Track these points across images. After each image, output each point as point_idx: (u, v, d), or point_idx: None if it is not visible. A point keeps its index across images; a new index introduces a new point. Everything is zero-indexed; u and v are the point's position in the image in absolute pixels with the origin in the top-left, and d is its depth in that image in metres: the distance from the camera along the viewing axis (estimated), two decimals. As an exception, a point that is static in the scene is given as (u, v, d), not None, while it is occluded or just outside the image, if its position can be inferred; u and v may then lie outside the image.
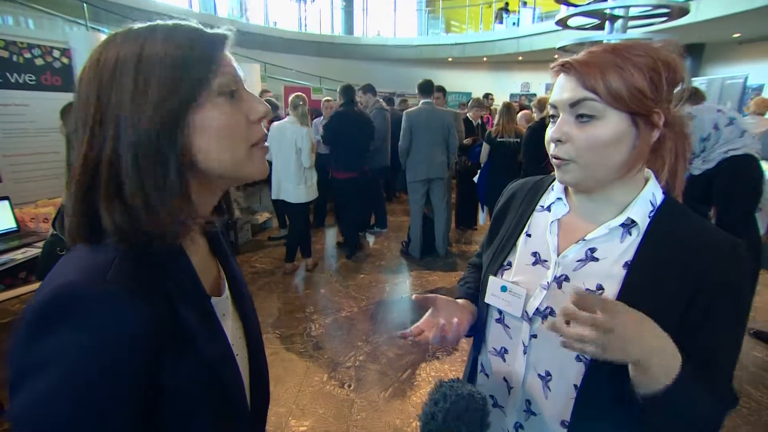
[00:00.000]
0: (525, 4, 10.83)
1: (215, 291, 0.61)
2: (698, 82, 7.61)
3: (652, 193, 0.69)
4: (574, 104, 0.65)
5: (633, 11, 2.33)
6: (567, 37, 2.71)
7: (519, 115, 4.27)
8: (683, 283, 0.63)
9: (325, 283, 3.80)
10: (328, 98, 5.77)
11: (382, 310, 3.33)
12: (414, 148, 4.07)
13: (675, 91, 0.67)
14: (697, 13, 2.23)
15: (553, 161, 0.69)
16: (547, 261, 0.75)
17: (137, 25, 0.50)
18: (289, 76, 9.59)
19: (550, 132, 0.69)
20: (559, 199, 0.78)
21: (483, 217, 4.81)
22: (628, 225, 0.68)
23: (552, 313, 0.72)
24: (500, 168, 4.06)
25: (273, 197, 3.83)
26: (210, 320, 0.54)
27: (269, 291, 3.61)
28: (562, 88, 0.67)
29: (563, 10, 2.42)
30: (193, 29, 0.52)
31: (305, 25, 12.55)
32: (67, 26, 5.48)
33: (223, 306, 0.60)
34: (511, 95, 12.32)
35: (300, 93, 3.81)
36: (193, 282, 0.53)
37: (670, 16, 2.33)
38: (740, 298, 0.64)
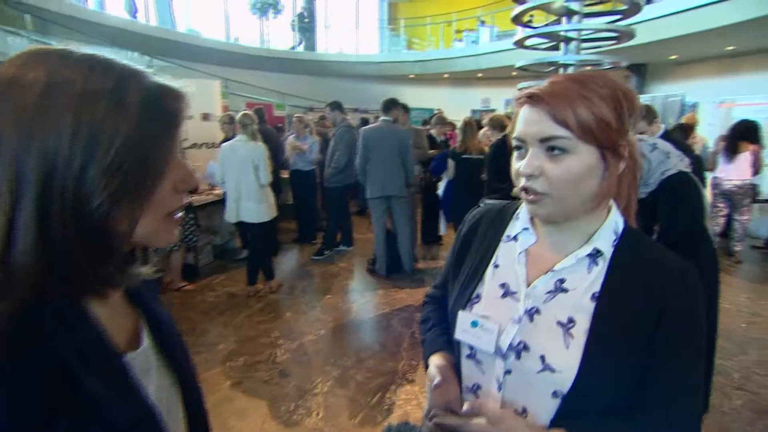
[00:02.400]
0: (483, 23, 11.19)
1: (132, 344, 0.54)
2: (642, 99, 8.06)
3: (615, 221, 0.71)
4: (545, 139, 0.64)
5: (585, 34, 2.43)
6: (525, 56, 2.78)
7: (480, 132, 4.34)
8: (647, 313, 0.65)
9: (290, 306, 3.67)
10: (300, 115, 5.73)
11: (350, 332, 3.25)
12: (370, 165, 4.06)
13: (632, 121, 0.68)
14: (640, 37, 2.36)
15: (525, 195, 0.68)
16: (516, 292, 0.73)
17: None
18: (250, 92, 9.43)
19: (520, 166, 0.68)
20: (526, 229, 0.77)
21: (443, 227, 4.84)
22: (595, 255, 0.69)
23: (526, 347, 0.70)
24: (465, 184, 4.10)
25: (231, 220, 3.69)
26: (122, 380, 0.47)
27: (231, 316, 3.45)
28: (529, 121, 0.66)
29: (520, 31, 2.49)
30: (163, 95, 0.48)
31: (267, 41, 12.44)
32: (9, 37, 5.14)
33: (143, 360, 0.54)
34: (472, 111, 12.62)
35: (248, 111, 3.74)
36: (97, 340, 0.46)
37: (619, 40, 2.44)
38: (694, 320, 0.66)
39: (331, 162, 4.63)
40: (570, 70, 2.50)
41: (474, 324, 0.75)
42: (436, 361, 0.83)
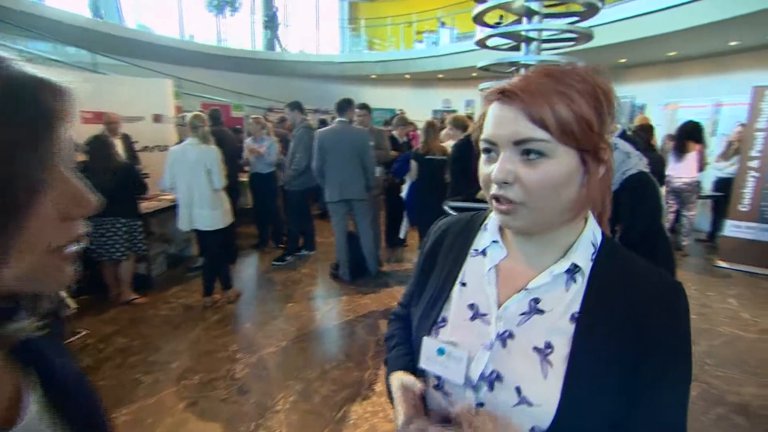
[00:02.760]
0: (443, 24, 11.28)
1: (9, 418, 0.41)
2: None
3: (593, 232, 0.64)
4: (520, 142, 0.55)
5: (545, 34, 2.42)
6: (486, 57, 2.75)
7: (442, 132, 4.31)
8: (632, 337, 0.58)
9: (250, 316, 3.50)
10: (256, 116, 5.51)
11: (313, 342, 3.12)
12: (327, 168, 3.95)
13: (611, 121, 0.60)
14: (594, 40, 2.43)
15: (497, 205, 0.60)
16: (487, 315, 0.65)
17: None
18: (206, 92, 9.06)
19: (490, 171, 0.59)
20: (495, 242, 0.69)
21: (404, 231, 4.79)
22: (572, 270, 0.62)
23: (499, 377, 0.62)
24: (428, 186, 4.05)
25: (183, 228, 3.47)
26: None
27: (186, 330, 3.24)
28: (501, 121, 0.57)
29: (478, 32, 2.46)
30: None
31: (225, 40, 12.02)
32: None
33: None
34: (434, 111, 12.70)
35: (199, 112, 3.54)
36: None
37: (578, 41, 2.45)
38: (686, 353, 0.60)
39: (291, 164, 4.47)
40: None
41: (440, 352, 0.66)
42: (401, 376, 0.72)
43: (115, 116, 4.07)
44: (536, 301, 0.63)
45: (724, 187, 5.07)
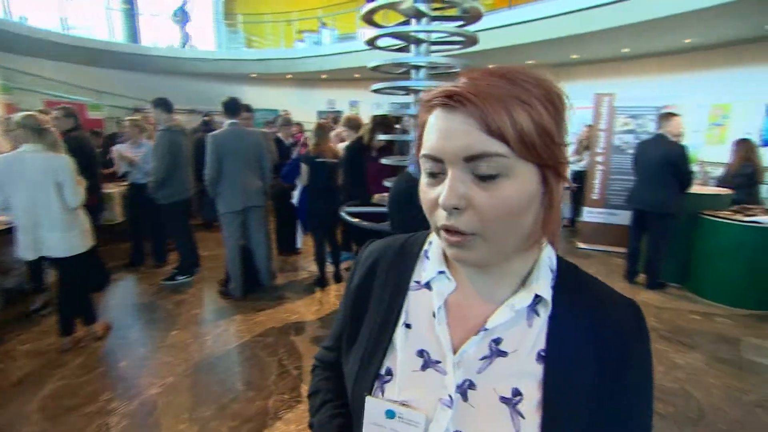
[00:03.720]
0: (324, 25, 11.09)
1: None
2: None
3: (549, 257, 0.56)
4: (472, 158, 0.44)
5: (434, 37, 2.41)
6: (369, 60, 2.68)
7: (332, 134, 4.16)
8: (598, 368, 0.51)
9: (125, 353, 2.94)
10: (134, 117, 4.75)
11: (206, 373, 2.73)
12: (225, 175, 3.54)
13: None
14: (483, 44, 2.56)
15: (447, 237, 0.49)
16: (440, 362, 0.54)
17: None
18: (50, 88, 7.60)
19: (436, 195, 0.48)
20: (441, 272, 0.58)
21: (300, 241, 4.56)
22: (535, 303, 0.54)
23: None
24: (320, 190, 3.88)
25: (27, 257, 2.75)
26: None
27: (37, 385, 2.58)
28: (448, 132, 0.46)
29: (360, 33, 2.36)
30: None
31: (73, 27, 10.20)
32: None
33: None
34: (318, 112, 12.48)
35: (35, 113, 2.79)
36: None
37: (464, 44, 2.49)
38: (650, 374, 0.55)
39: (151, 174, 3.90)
40: (421, 72, 2.45)
41: (390, 414, 0.54)
42: None
43: None
44: (497, 341, 0.53)
45: (579, 179, 5.80)
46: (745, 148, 4.57)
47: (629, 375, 0.52)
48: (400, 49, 2.83)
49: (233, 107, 3.62)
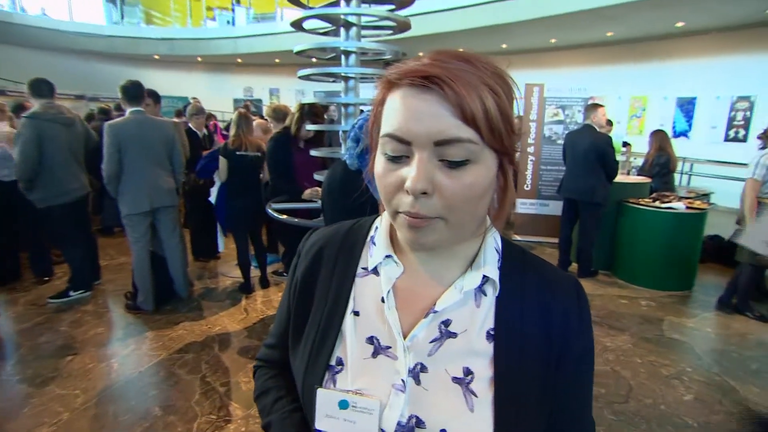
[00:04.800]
0: (238, 2, 10.67)
1: None
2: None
3: (494, 237, 0.62)
4: (443, 143, 0.47)
5: (364, 21, 2.44)
6: (290, 43, 2.65)
7: (254, 124, 4.05)
8: (544, 342, 0.58)
9: (4, 392, 2.64)
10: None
11: (114, 402, 2.53)
12: (128, 171, 3.30)
13: None
14: (412, 30, 2.63)
15: (409, 220, 0.51)
16: (391, 348, 0.58)
17: None
18: None
19: (400, 179, 0.50)
20: (389, 256, 0.61)
21: (221, 243, 4.41)
22: (482, 283, 0.59)
23: (420, 423, 0.55)
24: (242, 186, 3.76)
25: None
26: None
27: None
28: (418, 114, 0.48)
29: (280, 14, 2.33)
30: None
31: None
32: None
33: None
34: (235, 100, 12.06)
35: None
36: None
37: (396, 29, 2.55)
38: (591, 348, 0.62)
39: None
40: (351, 58, 2.48)
41: (343, 404, 0.57)
42: None
43: None
44: (446, 323, 0.57)
45: (512, 170, 6.18)
46: (659, 138, 5.18)
47: (574, 345, 0.58)
48: (327, 34, 2.84)
49: (134, 93, 3.37)
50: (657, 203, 4.29)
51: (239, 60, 11.60)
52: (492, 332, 0.57)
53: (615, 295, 4.13)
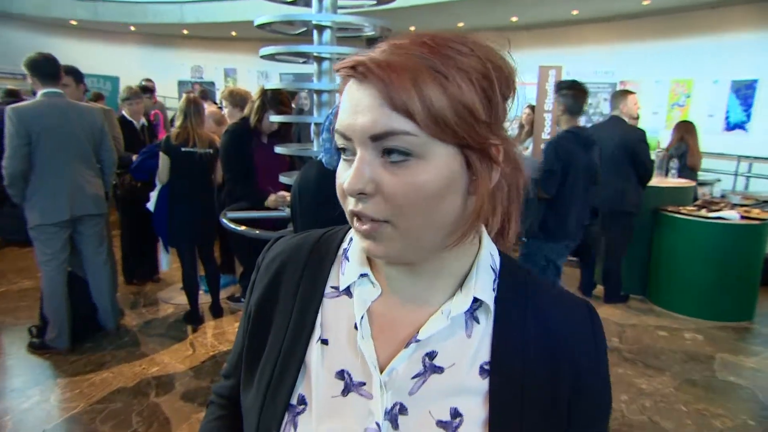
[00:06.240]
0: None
1: None
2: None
3: (490, 254, 0.64)
4: (378, 137, 0.51)
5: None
6: (251, 12, 2.68)
7: (206, 113, 4.06)
8: (551, 378, 0.60)
9: None
10: None
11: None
12: (40, 170, 3.26)
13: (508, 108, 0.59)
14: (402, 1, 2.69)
15: (357, 225, 0.55)
16: (365, 384, 0.60)
17: None
18: None
19: (344, 178, 0.54)
20: (364, 275, 0.64)
21: (165, 262, 4.39)
22: (473, 308, 0.61)
23: None
24: (188, 190, 3.75)
25: None
26: None
27: None
28: (356, 107, 0.53)
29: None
30: None
31: None
32: None
33: None
34: (180, 83, 12.04)
35: None
36: None
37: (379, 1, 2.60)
38: (608, 385, 0.65)
39: None
40: (326, 34, 2.51)
41: None
42: None
43: None
44: (431, 355, 0.59)
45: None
46: (682, 129, 5.41)
47: (587, 384, 0.61)
48: (296, 3, 2.86)
49: (48, 69, 3.32)
50: (703, 212, 4.37)
51: (185, 31, 11.58)
52: (487, 366, 0.59)
53: (652, 326, 4.20)
